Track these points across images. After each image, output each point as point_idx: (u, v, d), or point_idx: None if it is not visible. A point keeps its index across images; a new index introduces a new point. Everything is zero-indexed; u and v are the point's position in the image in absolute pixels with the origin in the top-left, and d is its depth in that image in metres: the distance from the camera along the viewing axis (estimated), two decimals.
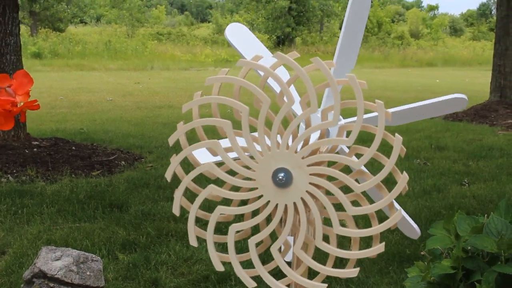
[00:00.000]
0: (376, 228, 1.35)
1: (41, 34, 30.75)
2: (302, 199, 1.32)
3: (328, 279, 1.42)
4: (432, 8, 62.06)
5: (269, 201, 1.34)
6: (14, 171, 5.38)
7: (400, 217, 1.34)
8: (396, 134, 1.33)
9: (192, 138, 1.50)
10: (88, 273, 2.33)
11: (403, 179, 1.33)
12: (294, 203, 1.32)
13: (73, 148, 6.29)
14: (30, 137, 6.48)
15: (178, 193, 1.40)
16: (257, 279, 1.47)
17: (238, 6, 47.05)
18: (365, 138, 5.45)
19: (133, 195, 4.75)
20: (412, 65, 30.21)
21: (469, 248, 2.12)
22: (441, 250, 2.26)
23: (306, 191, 1.31)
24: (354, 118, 1.70)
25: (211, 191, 1.36)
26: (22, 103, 1.89)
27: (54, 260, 2.31)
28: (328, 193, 1.36)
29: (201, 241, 1.49)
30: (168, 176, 1.40)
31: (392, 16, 50.57)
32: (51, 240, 3.73)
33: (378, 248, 1.35)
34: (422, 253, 2.38)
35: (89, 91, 13.75)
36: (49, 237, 3.78)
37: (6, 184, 5.04)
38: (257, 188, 1.34)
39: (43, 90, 13.30)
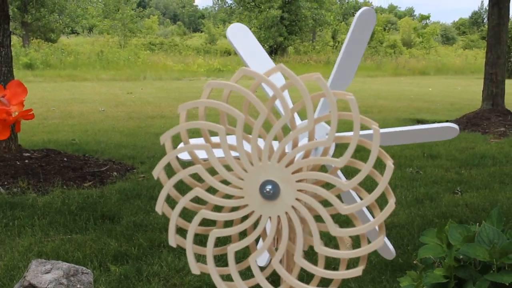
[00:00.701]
0: (359, 251, 1.34)
1: (33, 45, 30.72)
2: (286, 213, 1.31)
3: None
4: (424, 17, 62.30)
5: (253, 212, 1.33)
6: (5, 183, 5.35)
7: (383, 242, 1.34)
8: (388, 162, 1.32)
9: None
10: (78, 286, 2.31)
11: (388, 207, 1.32)
12: (278, 217, 1.31)
13: (65, 159, 6.27)
14: (22, 148, 6.46)
15: (164, 192, 1.38)
16: None
17: (230, 16, 47.15)
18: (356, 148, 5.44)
19: (125, 206, 4.73)
20: (405, 73, 30.33)
21: (461, 257, 2.11)
22: (433, 259, 2.25)
23: (292, 206, 1.31)
24: (345, 134, 1.69)
25: (197, 194, 1.35)
26: (16, 113, 1.88)
27: (44, 273, 2.29)
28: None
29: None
30: (155, 173, 1.38)
31: (384, 25, 50.76)
32: (43, 252, 3.70)
33: (356, 271, 1.33)
34: (414, 262, 2.38)
35: (81, 101, 13.73)
36: (41, 249, 3.76)
37: None
38: (243, 197, 1.33)
39: (35, 101, 13.28)
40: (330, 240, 3.60)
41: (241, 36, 2.19)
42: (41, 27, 35.09)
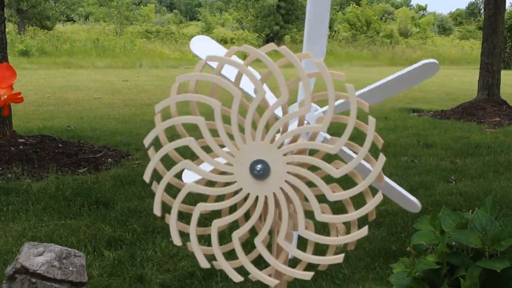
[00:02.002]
0: (342, 239, 1.34)
1: (28, 32, 30.54)
2: (281, 189, 1.31)
3: (314, 276, 1.40)
4: (420, 8, 62.17)
5: (249, 194, 1.33)
6: (0, 168, 5.34)
7: (367, 231, 1.34)
8: (381, 154, 1.32)
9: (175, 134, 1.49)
10: (70, 268, 2.31)
11: (376, 198, 1.32)
12: (274, 194, 1.31)
13: (60, 145, 6.25)
14: (16, 134, 6.44)
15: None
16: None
17: (227, 4, 47.08)
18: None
19: (120, 192, 4.73)
20: (401, 63, 30.24)
21: (453, 243, 2.12)
22: (426, 245, 2.26)
23: (285, 181, 1.31)
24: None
25: (186, 166, 1.36)
26: (5, 96, 1.87)
27: (37, 256, 2.29)
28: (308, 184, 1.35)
29: (185, 238, 1.47)
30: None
31: (381, 15, 50.65)
32: (36, 237, 3.70)
33: (337, 258, 1.34)
34: (407, 249, 2.38)
35: (77, 89, 13.67)
36: (34, 234, 3.76)
37: None
38: (236, 182, 1.33)
39: (30, 88, 13.22)
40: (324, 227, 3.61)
41: (205, 48, 2.20)
42: (37, 14, 34.86)
